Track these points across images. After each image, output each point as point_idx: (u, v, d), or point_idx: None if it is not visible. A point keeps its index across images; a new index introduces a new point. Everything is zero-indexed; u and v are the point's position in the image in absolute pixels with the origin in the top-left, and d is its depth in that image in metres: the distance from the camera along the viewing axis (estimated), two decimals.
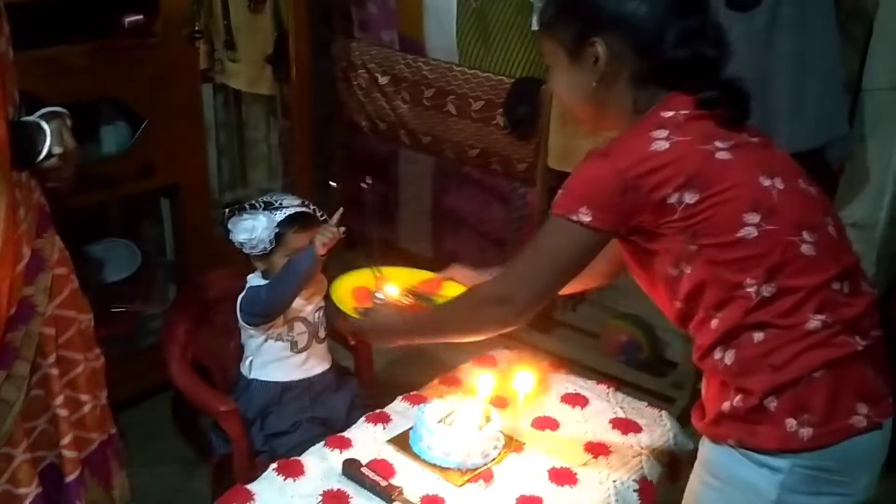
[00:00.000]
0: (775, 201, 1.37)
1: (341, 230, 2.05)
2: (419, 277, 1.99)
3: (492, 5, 3.09)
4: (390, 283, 1.93)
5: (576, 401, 2.03)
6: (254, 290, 2.14)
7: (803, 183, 1.44)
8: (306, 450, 1.83)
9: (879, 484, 1.47)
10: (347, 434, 1.88)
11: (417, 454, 1.79)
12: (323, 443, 1.84)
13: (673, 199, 1.35)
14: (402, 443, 1.83)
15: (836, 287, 1.38)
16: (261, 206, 2.13)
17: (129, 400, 2.81)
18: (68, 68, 2.44)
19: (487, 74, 3.18)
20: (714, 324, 1.41)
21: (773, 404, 1.36)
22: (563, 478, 1.75)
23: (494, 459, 1.79)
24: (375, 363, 2.45)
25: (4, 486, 1.72)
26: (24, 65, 1.73)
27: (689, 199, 1.35)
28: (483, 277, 1.75)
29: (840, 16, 2.48)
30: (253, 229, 2.10)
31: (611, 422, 1.96)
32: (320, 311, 2.22)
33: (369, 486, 1.68)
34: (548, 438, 1.89)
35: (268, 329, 2.15)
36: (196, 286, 2.39)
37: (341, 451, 1.80)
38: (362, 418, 1.94)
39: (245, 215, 2.12)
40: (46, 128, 1.66)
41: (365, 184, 2.57)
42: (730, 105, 1.40)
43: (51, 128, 1.66)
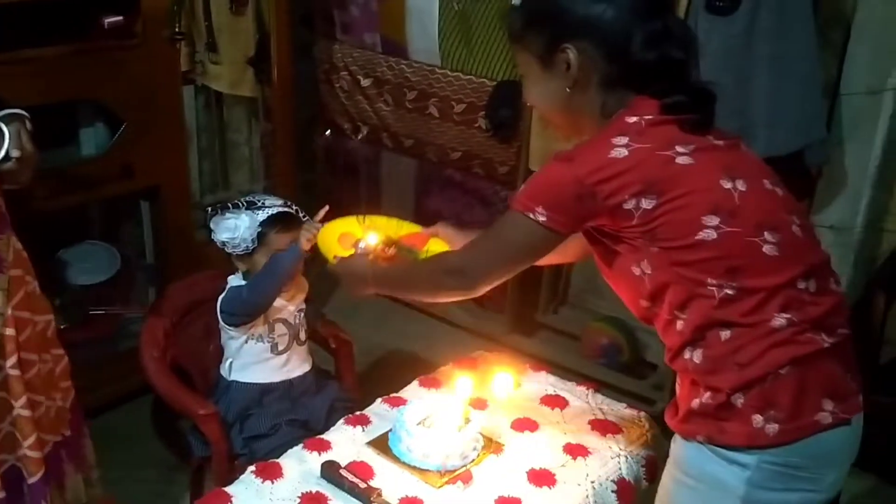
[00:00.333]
0: (736, 203, 1.38)
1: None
2: (406, 230, 2.03)
3: (474, 8, 3.10)
4: (374, 233, 1.96)
5: (555, 402, 2.03)
6: (235, 289, 2.14)
7: (769, 183, 1.46)
8: (285, 452, 1.82)
9: (855, 483, 1.48)
10: (326, 436, 1.87)
11: (397, 456, 1.79)
12: (302, 445, 1.83)
13: (629, 205, 1.37)
14: (382, 445, 1.83)
15: (802, 286, 1.39)
16: (244, 205, 2.13)
17: (110, 403, 2.80)
18: (47, 69, 2.41)
19: (469, 77, 3.19)
20: (680, 325, 1.43)
21: (740, 401, 1.38)
22: (541, 479, 1.76)
23: (474, 461, 1.79)
24: (355, 365, 2.44)
25: None
26: (2, 66, 1.70)
27: (647, 204, 1.36)
28: (464, 238, 1.80)
29: (819, 21, 2.50)
30: (235, 228, 2.09)
31: (590, 423, 1.96)
32: (301, 312, 2.21)
33: (348, 487, 1.68)
34: (527, 440, 1.89)
35: (248, 330, 2.14)
36: (176, 288, 2.38)
37: (320, 454, 1.79)
38: (341, 420, 1.94)
39: (228, 214, 2.12)
40: (5, 130, 1.63)
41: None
42: (695, 110, 1.41)
43: (9, 130, 1.64)
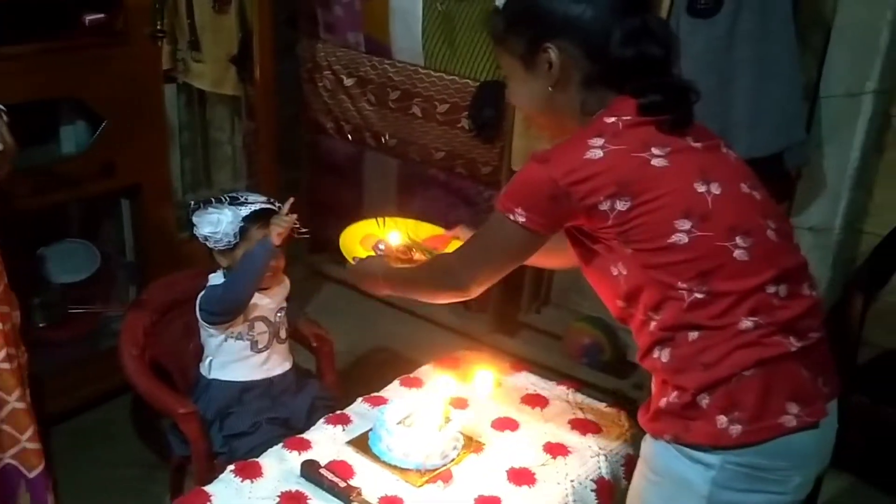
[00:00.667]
0: (709, 207, 1.38)
1: (294, 217, 2.07)
2: (426, 232, 2.05)
3: (458, 8, 3.10)
4: (395, 233, 1.98)
5: (536, 401, 2.04)
6: (213, 287, 2.13)
7: (746, 187, 1.46)
8: (265, 451, 1.82)
9: (833, 483, 1.49)
10: (307, 435, 1.87)
11: (377, 455, 1.79)
12: (282, 444, 1.83)
13: (604, 206, 1.37)
14: (362, 444, 1.83)
15: (772, 290, 1.39)
16: (226, 200, 2.13)
17: (89, 402, 2.79)
18: (28, 66, 2.40)
19: (453, 77, 3.19)
20: (653, 326, 1.44)
21: (705, 401, 1.39)
22: (521, 478, 1.76)
23: (454, 460, 1.79)
24: (336, 364, 2.44)
25: None
26: None
27: (621, 206, 1.37)
28: None
29: (799, 24, 2.51)
30: (218, 223, 2.09)
31: (570, 422, 1.97)
32: (282, 310, 2.21)
33: (327, 487, 1.67)
34: (507, 439, 1.89)
35: (227, 328, 2.14)
36: (156, 287, 2.37)
37: (300, 453, 1.79)
38: (322, 419, 1.93)
39: (210, 209, 2.12)
40: None
41: None
42: (672, 110, 1.42)
43: None
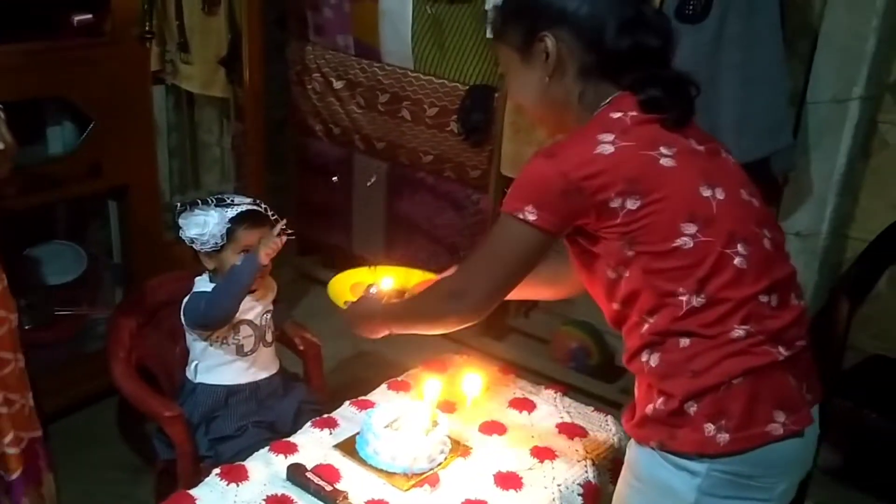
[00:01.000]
0: (714, 212, 1.38)
1: (283, 240, 2.06)
2: (418, 278, 1.99)
3: (447, 12, 3.11)
4: (386, 277, 1.95)
5: (523, 405, 2.04)
6: (197, 296, 2.12)
7: (746, 193, 1.46)
8: (251, 455, 1.81)
9: (818, 488, 1.49)
10: (293, 439, 1.86)
11: (364, 459, 1.78)
12: (268, 448, 1.82)
13: (616, 203, 1.36)
14: (349, 448, 1.82)
15: (764, 300, 1.39)
16: (213, 202, 2.13)
17: (75, 404, 2.77)
18: (15, 66, 2.39)
19: (442, 81, 3.19)
20: (645, 328, 1.43)
21: (692, 409, 1.38)
22: (508, 482, 1.76)
23: (441, 464, 1.79)
24: (323, 367, 2.44)
25: None
26: None
27: (631, 204, 1.36)
28: None
29: (786, 30, 2.53)
30: (205, 224, 2.08)
31: (557, 426, 1.97)
32: (268, 314, 2.20)
33: (314, 490, 1.66)
34: (495, 443, 1.89)
35: (212, 333, 2.13)
36: (142, 289, 2.36)
37: (286, 457, 1.78)
38: (308, 423, 1.93)
39: (197, 210, 2.11)
40: None
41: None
42: (672, 105, 1.42)
43: None
